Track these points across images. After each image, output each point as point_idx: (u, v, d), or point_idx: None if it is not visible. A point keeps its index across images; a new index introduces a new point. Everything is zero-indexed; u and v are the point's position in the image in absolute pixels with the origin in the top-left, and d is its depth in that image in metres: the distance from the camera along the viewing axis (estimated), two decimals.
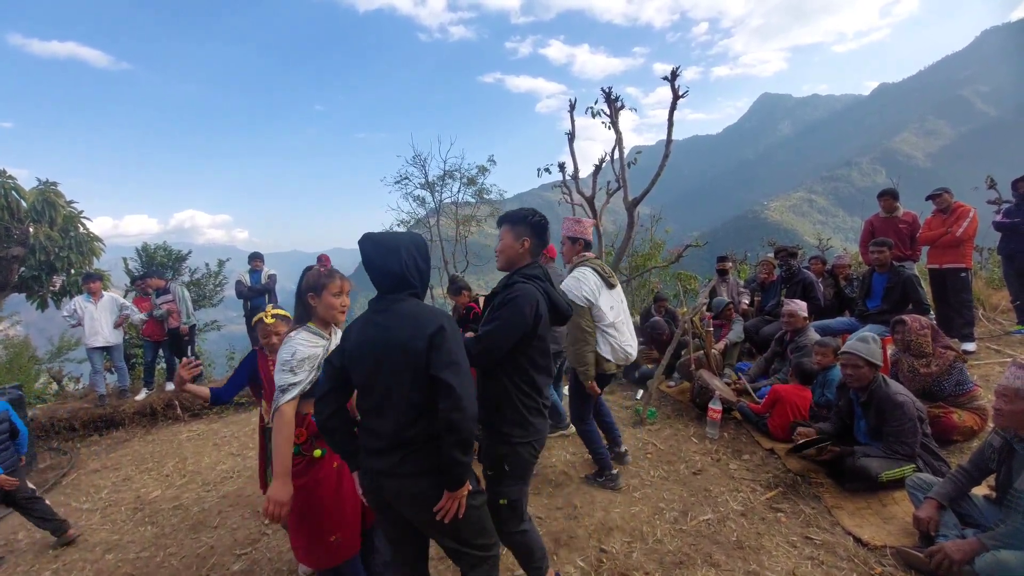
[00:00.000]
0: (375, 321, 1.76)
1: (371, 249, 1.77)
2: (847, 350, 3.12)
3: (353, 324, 1.84)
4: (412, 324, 1.69)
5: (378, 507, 1.84)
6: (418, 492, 1.71)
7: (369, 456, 1.78)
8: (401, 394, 1.69)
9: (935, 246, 5.28)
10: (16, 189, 7.10)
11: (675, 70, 7.14)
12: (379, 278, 1.78)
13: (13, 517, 4.09)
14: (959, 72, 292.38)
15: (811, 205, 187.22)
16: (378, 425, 1.74)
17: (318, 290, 2.13)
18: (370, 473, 1.79)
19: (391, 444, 1.71)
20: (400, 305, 1.75)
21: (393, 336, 1.70)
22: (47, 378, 9.50)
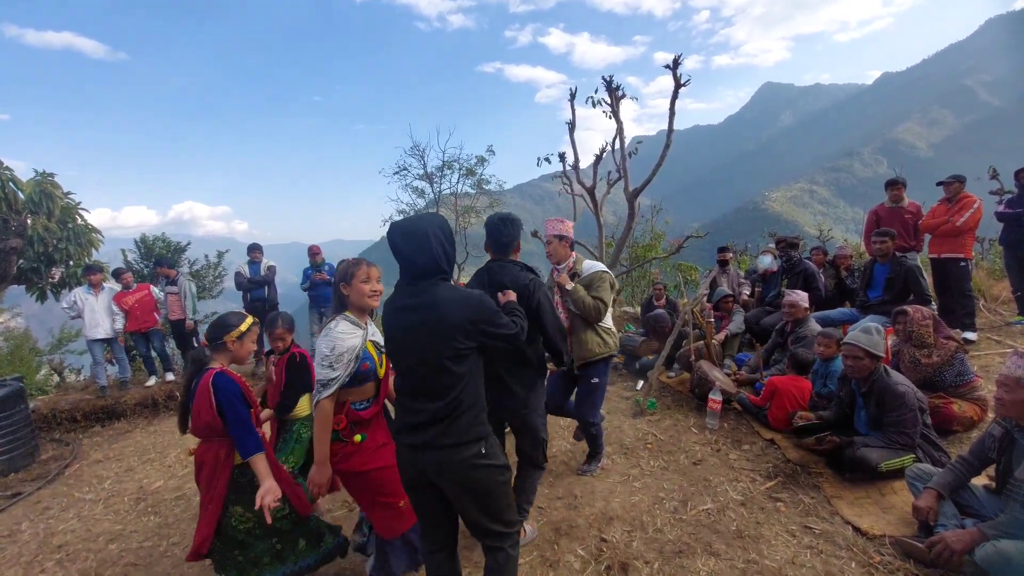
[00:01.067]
0: (409, 306, 1.84)
1: (400, 239, 1.83)
2: (849, 341, 3.12)
3: (386, 311, 1.93)
4: (448, 308, 1.78)
5: (413, 484, 1.92)
6: (459, 461, 1.79)
7: (407, 433, 1.86)
8: (443, 372, 1.78)
9: (935, 234, 5.25)
10: (13, 180, 7.05)
11: (677, 58, 7.05)
12: (409, 266, 1.84)
13: (16, 507, 4.12)
14: (962, 62, 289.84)
15: (812, 196, 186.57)
16: (419, 403, 1.83)
17: (348, 279, 2.19)
18: (407, 448, 1.86)
19: (431, 419, 1.80)
20: (435, 290, 1.82)
21: (431, 319, 1.78)
22: (48, 370, 9.53)
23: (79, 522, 3.76)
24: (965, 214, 5.01)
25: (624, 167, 8.31)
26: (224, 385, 2.19)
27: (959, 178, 5.27)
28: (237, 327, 2.33)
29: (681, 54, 7.11)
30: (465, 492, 1.83)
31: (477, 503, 1.85)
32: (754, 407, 4.06)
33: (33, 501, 4.22)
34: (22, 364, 10.03)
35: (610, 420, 4.46)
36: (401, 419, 1.90)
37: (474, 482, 1.82)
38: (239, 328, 2.33)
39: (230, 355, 2.34)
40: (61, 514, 3.92)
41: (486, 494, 1.85)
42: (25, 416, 5.07)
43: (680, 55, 7.08)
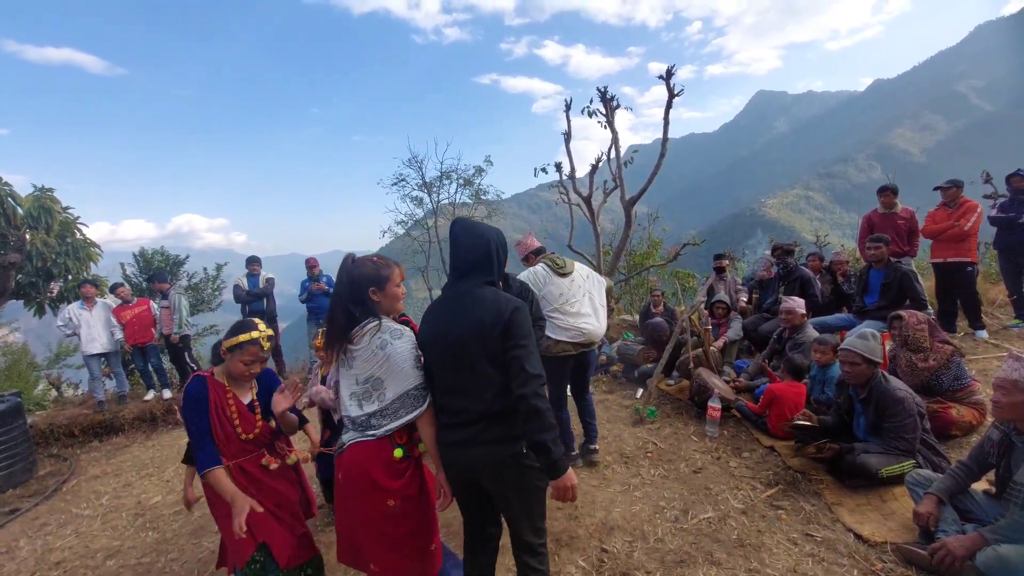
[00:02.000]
0: (454, 306, 1.87)
1: (461, 232, 1.91)
2: (845, 347, 3.13)
3: (432, 306, 1.96)
4: (493, 308, 1.80)
5: (458, 482, 1.93)
6: (500, 459, 1.82)
7: (448, 431, 1.89)
8: (482, 372, 1.80)
9: (940, 239, 5.27)
10: (12, 196, 7.09)
11: (670, 69, 7.14)
12: (462, 262, 1.89)
13: (14, 524, 4.09)
14: (953, 67, 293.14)
15: (808, 202, 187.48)
16: (458, 402, 1.85)
17: (381, 283, 1.94)
18: (449, 446, 1.88)
19: (473, 418, 1.83)
20: (480, 291, 1.86)
21: (476, 319, 1.80)
22: (46, 384, 9.47)
23: (77, 538, 3.74)
24: (971, 218, 5.05)
25: (620, 176, 8.38)
26: (188, 390, 2.12)
27: (956, 183, 5.33)
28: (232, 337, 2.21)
29: (674, 65, 7.20)
30: (507, 489, 1.87)
31: (518, 501, 1.88)
32: (753, 415, 4.06)
33: (31, 517, 4.19)
34: (20, 379, 9.97)
35: (610, 429, 4.46)
36: (441, 419, 1.92)
37: (515, 480, 1.86)
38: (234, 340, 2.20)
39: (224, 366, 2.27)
40: (59, 530, 3.90)
41: (526, 493, 1.88)
42: (23, 431, 5.04)
43: (673, 66, 7.17)
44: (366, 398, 1.90)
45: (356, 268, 1.94)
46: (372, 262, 1.97)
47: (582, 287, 3.51)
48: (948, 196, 5.29)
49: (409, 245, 13.39)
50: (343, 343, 1.89)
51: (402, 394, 1.89)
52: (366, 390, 1.90)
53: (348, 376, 1.94)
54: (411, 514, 1.93)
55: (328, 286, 7.12)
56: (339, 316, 1.89)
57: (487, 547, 2.06)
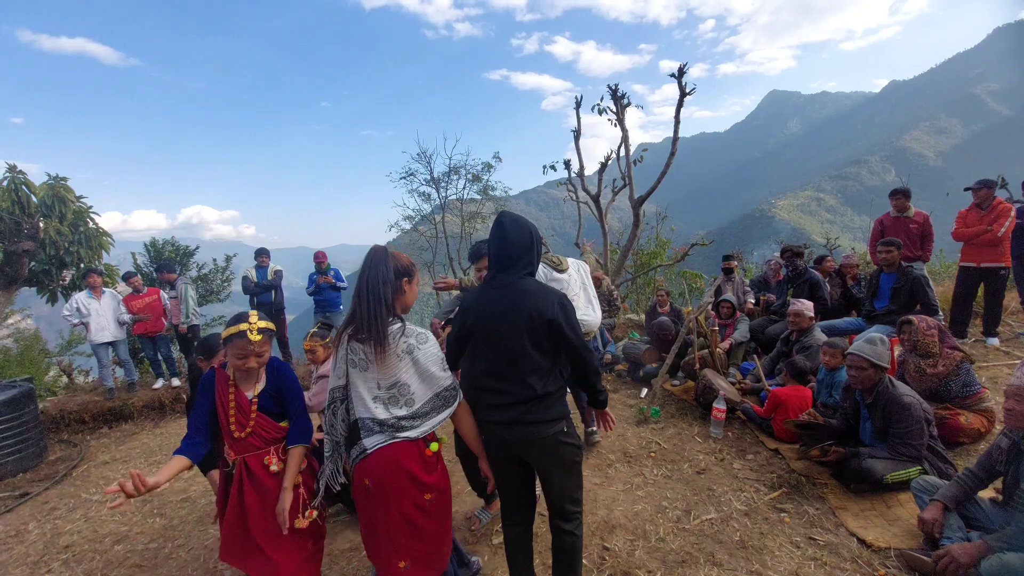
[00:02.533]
0: (501, 294, 1.97)
1: (510, 225, 2.00)
2: (853, 351, 3.11)
3: (478, 296, 2.04)
4: (541, 298, 1.93)
5: (498, 461, 2.08)
6: (545, 436, 1.96)
7: (491, 411, 2.01)
8: (530, 358, 1.92)
9: (972, 243, 5.12)
10: (26, 184, 7.18)
11: (682, 67, 7.10)
12: (508, 254, 1.99)
13: (24, 507, 4.16)
14: (970, 70, 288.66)
15: (819, 204, 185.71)
16: (504, 385, 1.96)
17: (411, 276, 1.97)
18: (494, 426, 2.00)
19: (517, 399, 1.95)
20: (524, 282, 1.98)
21: (525, 309, 1.91)
22: (57, 371, 9.62)
23: (86, 523, 3.80)
24: (1005, 223, 4.87)
25: (629, 174, 8.35)
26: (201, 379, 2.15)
27: (987, 183, 5.10)
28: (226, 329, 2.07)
29: (686, 63, 7.15)
30: (550, 464, 2.02)
31: (559, 475, 2.04)
32: (759, 418, 4.04)
33: (40, 501, 4.26)
34: (32, 365, 10.14)
35: (614, 428, 4.45)
36: (487, 400, 2.02)
37: (558, 456, 2.00)
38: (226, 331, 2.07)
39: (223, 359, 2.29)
40: (68, 515, 3.96)
41: (567, 468, 2.04)
42: (34, 417, 5.13)
43: (685, 64, 7.12)
44: (392, 402, 1.87)
45: (394, 257, 1.95)
46: (402, 255, 2.00)
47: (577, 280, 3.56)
48: (980, 197, 5.05)
49: (416, 240, 13.44)
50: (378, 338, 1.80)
51: (432, 396, 1.90)
52: (392, 395, 1.87)
53: (366, 379, 1.88)
54: (444, 506, 1.98)
55: (336, 279, 7.16)
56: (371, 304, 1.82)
57: (524, 518, 2.21)
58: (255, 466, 2.13)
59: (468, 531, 3.06)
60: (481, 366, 2.03)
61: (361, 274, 1.90)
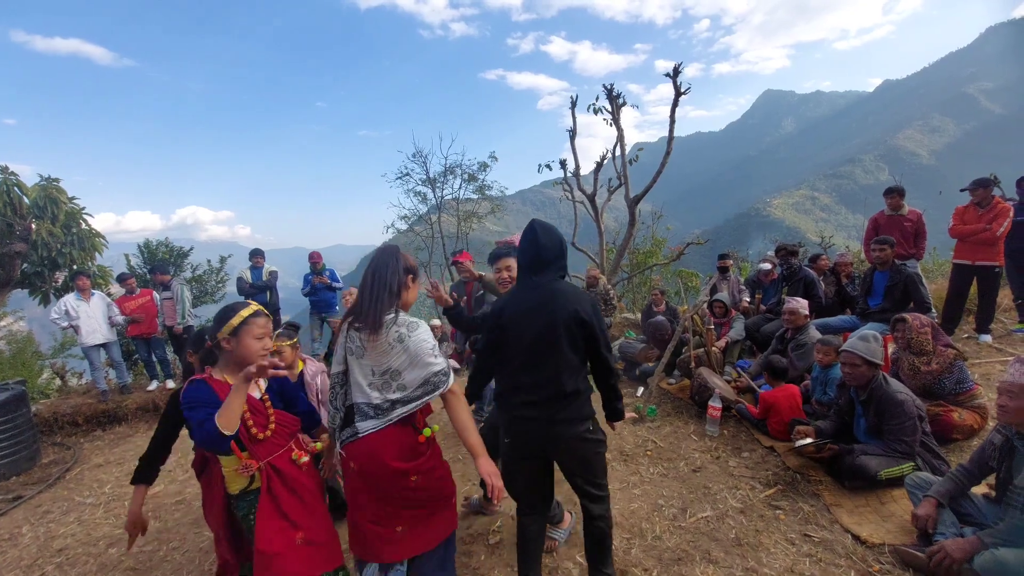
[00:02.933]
0: (536, 295, 2.07)
1: (541, 232, 2.12)
2: (846, 348, 3.12)
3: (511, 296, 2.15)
4: (574, 301, 2.04)
5: (523, 454, 2.16)
6: (571, 436, 2.07)
7: (520, 407, 2.10)
8: (563, 356, 2.02)
9: (968, 241, 5.13)
10: (18, 185, 7.13)
11: (677, 67, 7.11)
12: (541, 258, 2.09)
13: (17, 511, 4.13)
14: (963, 69, 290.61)
15: (814, 203, 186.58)
16: (535, 381, 2.06)
17: (415, 275, 2.05)
18: (519, 421, 2.11)
19: (548, 397, 2.04)
20: (558, 284, 2.09)
21: (564, 310, 2.01)
22: (50, 373, 9.55)
23: (79, 526, 3.77)
24: (1003, 222, 4.89)
25: (625, 174, 8.36)
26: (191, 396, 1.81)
27: (982, 183, 5.12)
28: (227, 321, 1.91)
29: (681, 63, 7.17)
30: (573, 460, 2.14)
31: (582, 469, 2.15)
32: (753, 418, 4.05)
33: (34, 505, 4.24)
34: (24, 368, 10.06)
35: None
36: (517, 396, 2.10)
37: (581, 453, 2.12)
38: (230, 323, 1.90)
39: (229, 356, 1.92)
40: (62, 518, 3.94)
41: (589, 463, 2.15)
42: (27, 419, 5.09)
43: (680, 63, 7.14)
44: (385, 387, 1.93)
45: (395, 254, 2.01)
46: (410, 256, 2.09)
47: None
48: (978, 197, 5.07)
49: (412, 241, 13.42)
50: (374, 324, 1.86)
51: (423, 382, 1.92)
52: (385, 381, 1.92)
53: (362, 366, 1.94)
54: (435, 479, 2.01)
55: (332, 280, 7.14)
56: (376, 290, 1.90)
57: (539, 509, 2.29)
58: (284, 465, 2.00)
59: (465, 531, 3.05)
60: (515, 363, 2.11)
61: (371, 266, 1.98)
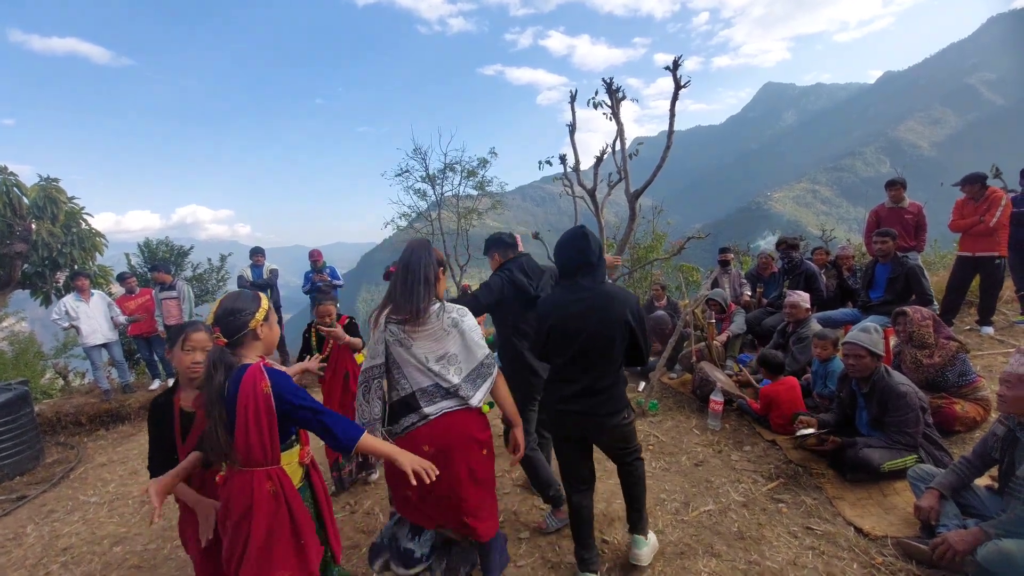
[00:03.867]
0: (585, 296, 2.20)
1: (591, 235, 2.26)
2: (850, 340, 3.12)
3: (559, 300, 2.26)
4: (624, 303, 2.20)
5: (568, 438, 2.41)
6: (612, 426, 2.31)
7: (562, 400, 2.30)
8: (609, 353, 2.20)
9: (968, 234, 5.17)
10: (18, 186, 7.12)
11: (677, 60, 7.06)
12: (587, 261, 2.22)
13: (22, 510, 4.15)
14: (964, 60, 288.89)
15: (815, 196, 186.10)
16: (577, 375, 2.25)
17: (445, 269, 2.19)
18: (564, 413, 2.31)
19: (588, 391, 2.24)
20: (608, 288, 2.24)
21: (614, 312, 2.17)
22: (53, 373, 9.59)
23: (84, 525, 3.79)
24: (996, 212, 4.93)
25: (625, 168, 8.32)
26: (280, 377, 1.69)
27: (971, 179, 5.17)
28: (259, 307, 1.81)
29: (681, 56, 7.12)
30: (615, 443, 2.40)
31: (619, 445, 2.42)
32: (755, 413, 4.05)
33: (38, 504, 4.25)
34: (27, 368, 10.10)
35: None
36: (565, 389, 2.29)
37: (620, 436, 2.38)
38: (262, 307, 1.82)
39: (260, 344, 1.81)
40: (66, 517, 3.95)
41: (626, 440, 2.42)
42: (30, 419, 5.10)
43: (680, 57, 7.09)
44: (444, 372, 2.03)
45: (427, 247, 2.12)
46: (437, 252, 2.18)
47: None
48: (970, 192, 5.13)
49: (412, 237, 13.39)
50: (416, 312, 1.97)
51: (476, 366, 2.09)
52: (443, 366, 2.03)
53: (414, 355, 2.01)
54: (492, 457, 2.20)
55: (332, 277, 7.14)
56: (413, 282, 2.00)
57: (588, 485, 2.50)
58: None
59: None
60: (562, 360, 2.28)
61: (403, 259, 2.06)
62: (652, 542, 2.63)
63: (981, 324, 5.30)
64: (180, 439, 2.03)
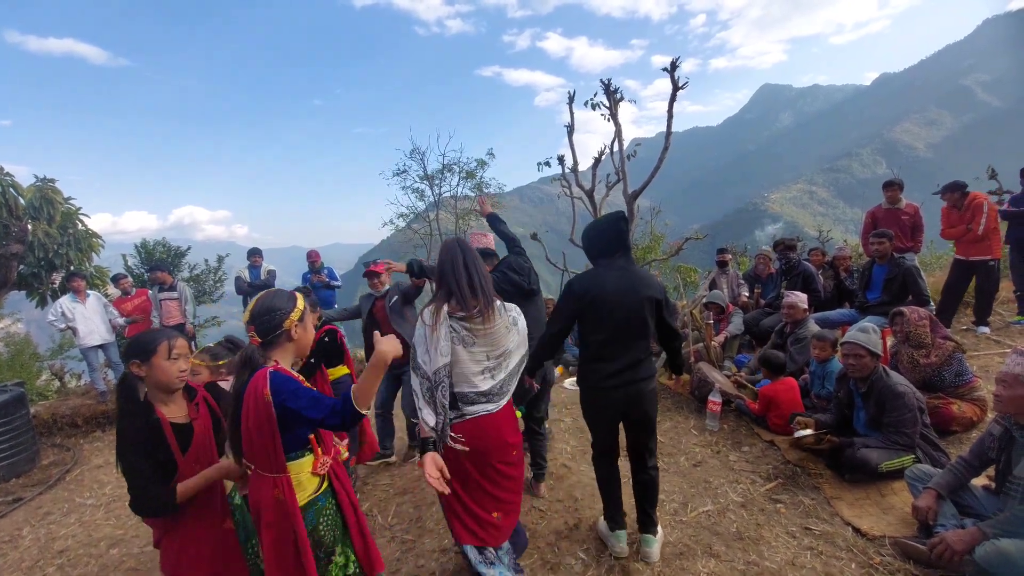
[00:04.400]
0: (620, 275, 2.37)
1: (623, 219, 2.47)
2: (849, 340, 3.13)
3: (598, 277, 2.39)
4: (651, 283, 2.43)
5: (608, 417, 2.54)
6: (649, 390, 2.46)
7: (610, 378, 2.41)
8: (643, 328, 2.38)
9: (960, 240, 5.28)
10: (14, 186, 7.07)
11: (675, 61, 7.08)
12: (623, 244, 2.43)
13: (17, 512, 4.12)
14: (960, 62, 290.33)
15: (812, 197, 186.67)
16: (620, 351, 2.39)
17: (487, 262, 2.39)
18: (611, 390, 2.42)
19: (629, 364, 2.40)
20: (636, 267, 2.45)
21: (643, 289, 2.37)
22: (49, 375, 9.54)
23: (80, 527, 3.77)
24: (981, 220, 5.01)
25: (623, 169, 8.34)
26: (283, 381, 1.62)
27: (951, 188, 5.28)
28: (295, 307, 1.79)
29: (679, 57, 7.14)
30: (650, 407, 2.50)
31: (648, 422, 2.54)
32: (753, 414, 4.05)
33: (34, 506, 4.23)
34: (23, 369, 10.04)
35: None
36: (607, 368, 2.40)
37: (652, 405, 2.51)
38: (298, 307, 1.79)
39: (293, 346, 1.79)
40: (62, 519, 3.93)
41: (653, 414, 2.55)
42: (26, 421, 5.07)
43: (678, 58, 7.11)
44: (497, 370, 2.09)
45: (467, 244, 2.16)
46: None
47: None
48: (950, 201, 5.26)
49: (410, 238, 13.39)
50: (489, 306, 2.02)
51: (520, 360, 2.17)
52: (498, 363, 2.09)
53: (473, 354, 2.03)
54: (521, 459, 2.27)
55: (329, 278, 7.12)
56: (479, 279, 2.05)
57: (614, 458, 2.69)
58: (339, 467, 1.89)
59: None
60: (600, 337, 2.38)
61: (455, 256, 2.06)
62: (660, 536, 2.69)
63: (977, 324, 5.35)
64: (180, 453, 1.92)
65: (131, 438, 1.86)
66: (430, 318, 1.99)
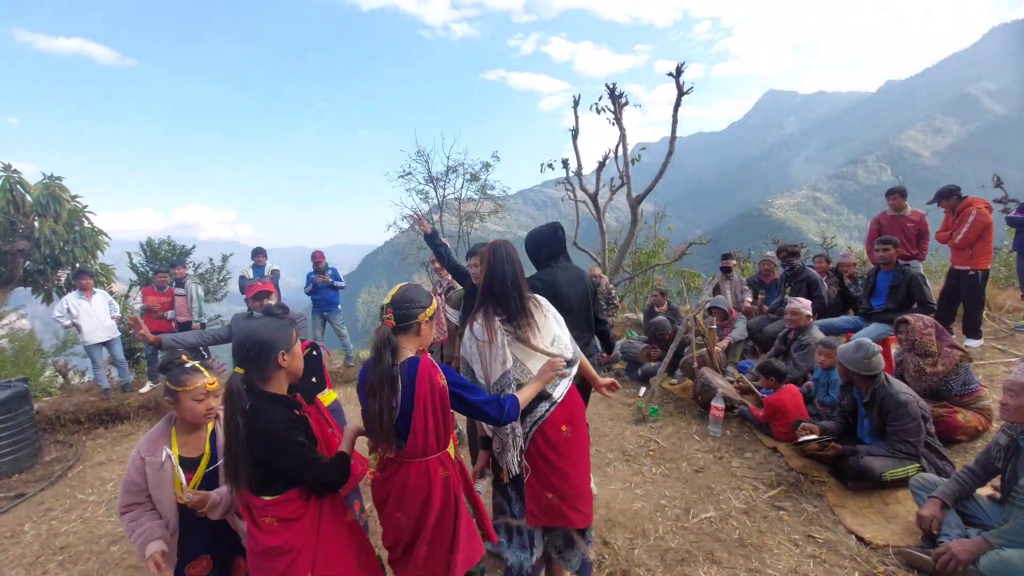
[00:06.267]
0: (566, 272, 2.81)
1: (562, 231, 2.96)
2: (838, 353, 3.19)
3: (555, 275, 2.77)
4: (587, 279, 2.94)
5: None
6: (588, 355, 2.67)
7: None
8: (588, 314, 2.91)
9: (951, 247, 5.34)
10: (21, 183, 7.13)
11: (680, 66, 7.09)
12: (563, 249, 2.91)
13: (19, 508, 4.14)
14: (966, 70, 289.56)
15: (816, 203, 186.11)
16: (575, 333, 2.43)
17: None
18: None
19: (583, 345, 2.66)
20: (573, 266, 2.90)
21: (584, 284, 2.89)
22: (53, 371, 9.57)
23: (82, 524, 3.77)
24: (963, 229, 5.07)
25: (627, 173, 8.35)
26: (449, 371, 1.81)
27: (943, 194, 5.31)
28: (430, 306, 1.91)
29: (684, 62, 7.15)
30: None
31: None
32: (757, 421, 4.03)
33: (36, 502, 4.23)
34: (27, 365, 10.06)
35: (612, 427, 4.46)
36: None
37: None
38: (432, 306, 1.92)
39: (419, 341, 1.90)
40: (64, 515, 3.94)
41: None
42: (29, 417, 5.09)
43: (683, 63, 7.12)
44: (564, 351, 2.14)
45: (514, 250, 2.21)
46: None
47: None
48: (945, 206, 5.30)
49: (414, 240, 13.41)
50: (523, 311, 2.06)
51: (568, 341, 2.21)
52: (558, 349, 2.11)
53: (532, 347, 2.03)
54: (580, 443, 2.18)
55: (333, 279, 7.13)
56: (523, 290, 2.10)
57: None
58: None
59: None
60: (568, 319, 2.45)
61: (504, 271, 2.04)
62: None
63: (966, 336, 5.30)
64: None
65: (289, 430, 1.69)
66: (483, 334, 1.99)
